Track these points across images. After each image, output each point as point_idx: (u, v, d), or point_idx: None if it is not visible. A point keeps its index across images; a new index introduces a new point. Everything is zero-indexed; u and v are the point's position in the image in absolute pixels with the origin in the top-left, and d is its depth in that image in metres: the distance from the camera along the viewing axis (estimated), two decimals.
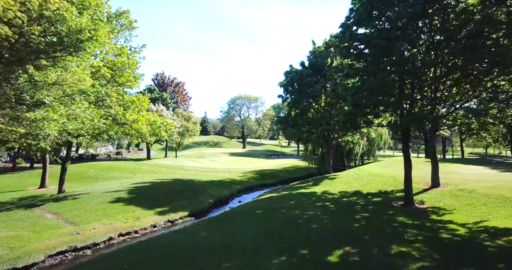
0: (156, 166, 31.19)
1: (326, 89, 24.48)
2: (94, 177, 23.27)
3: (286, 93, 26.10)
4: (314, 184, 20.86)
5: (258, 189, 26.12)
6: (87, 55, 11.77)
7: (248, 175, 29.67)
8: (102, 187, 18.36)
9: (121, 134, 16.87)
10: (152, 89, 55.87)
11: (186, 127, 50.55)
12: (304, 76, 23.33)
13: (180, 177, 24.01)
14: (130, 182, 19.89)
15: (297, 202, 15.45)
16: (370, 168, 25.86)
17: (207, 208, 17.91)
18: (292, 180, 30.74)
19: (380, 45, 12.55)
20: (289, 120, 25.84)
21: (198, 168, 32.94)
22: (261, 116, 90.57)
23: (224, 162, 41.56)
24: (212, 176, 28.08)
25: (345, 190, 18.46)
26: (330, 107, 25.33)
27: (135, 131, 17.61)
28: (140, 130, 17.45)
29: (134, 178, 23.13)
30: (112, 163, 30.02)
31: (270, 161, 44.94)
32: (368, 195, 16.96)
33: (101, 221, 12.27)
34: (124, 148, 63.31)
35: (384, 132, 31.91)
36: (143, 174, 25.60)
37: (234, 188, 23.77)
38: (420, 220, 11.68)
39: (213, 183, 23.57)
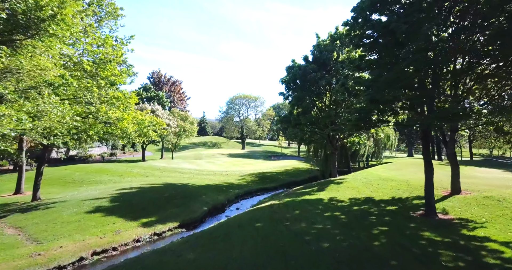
0: (149, 168, 29.26)
1: (332, 85, 22.63)
2: (79, 181, 21.35)
3: (287, 90, 24.23)
4: (319, 190, 18.97)
5: (257, 194, 24.23)
6: (54, 40, 9.91)
7: (247, 178, 27.78)
8: (84, 193, 16.45)
9: (103, 134, 14.95)
10: (148, 87, 53.93)
11: (183, 127, 48.66)
12: (307, 71, 21.48)
13: (172, 181, 22.09)
14: (116, 187, 17.98)
15: (302, 211, 13.56)
16: (378, 171, 24.01)
17: (201, 217, 16.01)
18: (294, 184, 28.88)
19: (401, 30, 10.71)
20: (291, 119, 23.97)
21: (194, 170, 31.03)
22: (261, 116, 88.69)
23: (222, 164, 39.66)
24: (208, 179, 26.17)
25: (354, 197, 16.59)
26: (335, 105, 23.48)
27: (120, 130, 15.72)
28: (126, 130, 15.56)
29: (122, 183, 21.22)
30: (102, 165, 28.10)
31: (270, 163, 43.04)
32: (381, 203, 15.09)
33: (72, 237, 10.36)
34: (119, 149, 61.39)
35: (391, 133, 30.06)
36: (133, 178, 23.69)
37: (232, 193, 21.87)
38: (450, 236, 9.81)
39: (208, 188, 21.67)
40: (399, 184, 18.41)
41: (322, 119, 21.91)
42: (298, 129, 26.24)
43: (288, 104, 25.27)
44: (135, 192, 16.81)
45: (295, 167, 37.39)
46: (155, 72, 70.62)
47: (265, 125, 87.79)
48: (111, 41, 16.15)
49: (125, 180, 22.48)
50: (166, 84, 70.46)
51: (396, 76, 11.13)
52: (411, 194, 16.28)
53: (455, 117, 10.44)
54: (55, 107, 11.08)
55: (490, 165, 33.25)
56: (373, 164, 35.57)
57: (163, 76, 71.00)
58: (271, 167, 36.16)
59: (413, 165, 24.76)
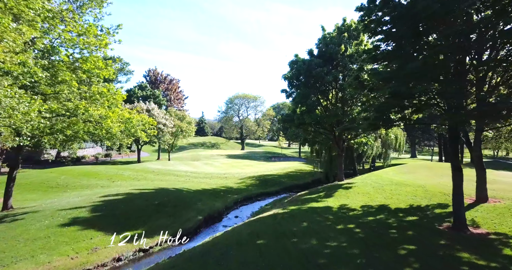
0: (142, 171, 27.44)
1: (339, 81, 20.89)
2: (63, 186, 19.53)
3: (290, 87, 22.45)
4: (327, 196, 17.21)
5: (258, 199, 22.45)
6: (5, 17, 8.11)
7: (246, 182, 25.99)
8: (64, 201, 14.64)
9: (84, 133, 13.15)
10: (143, 86, 52.05)
11: (180, 127, 46.85)
12: (313, 66, 19.70)
13: (165, 186, 20.30)
14: (101, 194, 16.17)
15: (310, 223, 11.78)
16: (388, 174, 22.27)
17: (195, 227, 14.22)
18: (297, 187, 27.12)
19: (432, 10, 8.94)
20: (294, 118, 22.18)
21: (191, 173, 29.22)
22: (261, 116, 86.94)
23: (220, 165, 37.86)
24: (205, 183, 24.37)
25: (367, 204, 14.83)
26: (342, 103, 21.72)
27: (104, 130, 13.92)
28: (110, 129, 13.76)
29: (110, 187, 19.42)
30: (91, 168, 26.26)
31: (271, 165, 41.27)
32: (399, 212, 13.33)
33: (35, 259, 8.56)
34: (115, 149, 59.48)
35: (400, 133, 28.31)
36: (123, 182, 21.87)
37: (230, 199, 20.08)
38: (496, 259, 8.05)
39: (205, 193, 19.87)
40: (415, 189, 16.65)
41: (328, 118, 20.13)
42: (301, 129, 24.48)
43: (291, 103, 23.50)
44: (121, 199, 15.00)
45: (297, 169, 35.60)
46: (152, 70, 68.38)
47: (265, 125, 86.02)
48: (94, 30, 14.28)
49: (114, 185, 20.66)
50: (162, 83, 68.27)
51: (423, 66, 9.38)
52: (430, 202, 14.52)
53: (497, 115, 8.68)
54: (20, 103, 9.33)
55: (500, 167, 31.58)
56: (379, 165, 33.84)
57: (159, 74, 68.84)
58: (272, 169, 34.39)
59: (425, 168, 23.01)
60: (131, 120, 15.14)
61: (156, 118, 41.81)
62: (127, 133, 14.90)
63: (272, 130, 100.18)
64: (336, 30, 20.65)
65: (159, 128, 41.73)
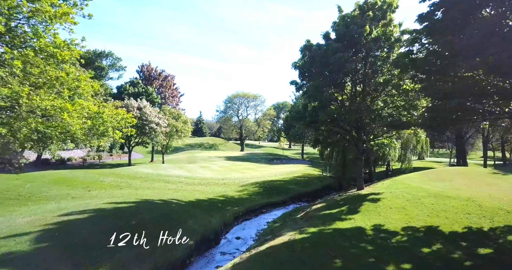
0: (127, 176, 23.82)
1: (360, 70, 17.42)
2: (25, 197, 15.90)
3: (302, 78, 18.96)
4: (351, 211, 13.69)
5: (263, 211, 18.92)
6: None
7: (248, 189, 22.44)
8: (6, 222, 11.00)
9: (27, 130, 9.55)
10: (135, 82, 48.39)
11: (175, 127, 43.31)
12: (330, 51, 16.20)
13: (151, 197, 16.72)
14: (64, 210, 12.57)
15: (345, 259, 8.27)
16: (415, 182, 18.82)
17: (183, 258, 10.65)
18: (306, 195, 23.62)
19: None
20: (306, 115, 18.72)
21: (184, 178, 25.65)
22: (261, 116, 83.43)
23: (218, 169, 34.29)
24: (199, 191, 20.80)
25: (408, 224, 11.34)
26: (362, 97, 18.22)
27: (60, 128, 10.36)
28: (68, 127, 10.20)
29: (82, 199, 15.80)
30: (68, 173, 22.61)
31: (274, 168, 37.74)
32: (457, 238, 9.85)
33: None
34: (106, 150, 55.76)
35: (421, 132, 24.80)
36: (101, 191, 18.26)
37: (230, 212, 16.53)
38: None
39: (199, 205, 16.31)
40: (464, 204, 13.17)
41: (349, 115, 16.62)
42: (312, 128, 21.00)
43: (301, 97, 19.99)
44: (86, 218, 11.40)
45: (304, 173, 32.08)
46: (145, 65, 64.15)
47: (265, 126, 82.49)
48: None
49: (88, 195, 17.03)
50: (157, 79, 64.21)
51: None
52: (494, 223, 11.05)
53: None
54: None
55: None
56: (396, 169, 30.36)
57: (153, 70, 64.79)
58: (275, 174, 30.85)
59: (459, 175, 19.54)
60: (100, 115, 11.56)
61: (149, 117, 38.28)
62: (95, 132, 11.32)
63: (272, 130, 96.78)
64: (357, 8, 17.18)
65: (152, 128, 38.21)
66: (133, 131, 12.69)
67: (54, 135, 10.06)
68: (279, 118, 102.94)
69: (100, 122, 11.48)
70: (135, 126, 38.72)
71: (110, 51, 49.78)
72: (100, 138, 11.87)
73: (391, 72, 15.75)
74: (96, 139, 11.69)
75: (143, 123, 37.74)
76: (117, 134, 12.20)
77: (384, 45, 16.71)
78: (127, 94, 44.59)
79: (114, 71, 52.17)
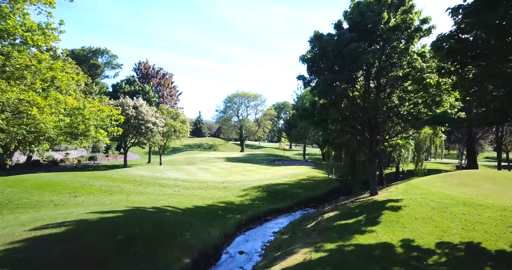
0: (120, 180, 22.06)
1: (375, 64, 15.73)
2: (2, 204, 14.13)
3: (310, 73, 17.26)
4: (370, 221, 11.99)
5: (268, 218, 17.21)
6: None
7: (251, 194, 20.72)
8: None
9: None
10: (132, 80, 46.54)
11: (173, 127, 41.57)
12: (344, 42, 14.51)
13: (143, 204, 14.99)
14: (39, 222, 10.82)
15: None
16: (435, 186, 17.11)
17: None
18: (313, 200, 21.91)
19: None
20: (315, 113, 17.01)
21: (182, 181, 23.92)
22: (261, 116, 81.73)
23: (218, 171, 32.55)
24: (198, 196, 19.07)
25: (441, 240, 9.65)
26: (377, 93, 16.54)
27: (30, 126, 8.63)
28: (38, 125, 8.47)
29: (65, 207, 14.04)
30: (54, 176, 20.83)
31: (276, 170, 36.02)
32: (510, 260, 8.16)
33: None
34: (102, 151, 53.94)
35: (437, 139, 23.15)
36: (89, 197, 16.51)
37: (232, 221, 14.82)
38: None
39: (197, 214, 14.59)
40: (502, 215, 11.47)
41: (364, 113, 14.92)
42: (320, 127, 19.31)
43: (309, 94, 18.28)
44: (63, 233, 9.66)
45: (308, 175, 30.36)
46: (142, 63, 61.91)
47: (266, 126, 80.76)
48: None
49: (73, 202, 15.27)
50: (154, 77, 62.09)
51: None
52: None
53: None
54: None
55: None
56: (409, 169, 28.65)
57: (151, 68, 62.68)
58: (279, 176, 29.13)
59: (486, 179, 17.80)
60: (80, 112, 9.82)
61: (145, 116, 36.54)
62: (72, 130, 9.59)
63: (273, 130, 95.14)
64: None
65: (148, 128, 36.47)
66: (120, 130, 10.94)
67: (21, 134, 8.30)
68: (279, 118, 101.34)
69: (79, 119, 9.74)
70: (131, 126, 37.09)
71: (105, 48, 47.98)
72: (81, 139, 10.12)
73: (412, 64, 14.04)
74: (75, 140, 9.94)
75: (139, 122, 35.99)
76: (101, 133, 10.45)
77: (403, 35, 15.04)
78: (123, 93, 42.78)
79: (110, 69, 50.30)
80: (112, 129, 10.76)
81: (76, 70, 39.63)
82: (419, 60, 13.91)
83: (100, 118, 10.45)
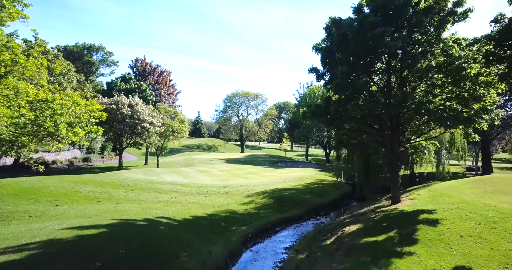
0: (111, 185, 19.96)
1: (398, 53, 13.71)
2: None
3: (324, 64, 15.23)
4: (404, 238, 9.94)
5: (277, 230, 15.16)
6: None
7: (256, 201, 18.66)
8: None
9: None
10: (128, 77, 44.38)
11: (171, 127, 39.49)
12: (368, 27, 12.48)
13: (134, 215, 12.89)
14: (3, 242, 8.71)
15: None
16: (467, 194, 15.08)
17: None
18: (324, 207, 19.90)
19: None
20: (330, 111, 14.96)
21: (179, 186, 21.84)
22: (262, 116, 79.71)
23: (219, 173, 30.47)
24: (198, 204, 17.00)
25: (507, 269, 7.61)
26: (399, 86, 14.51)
27: None
28: None
29: (41, 219, 11.93)
30: (37, 181, 18.70)
31: (280, 172, 33.96)
32: None
33: None
34: (97, 152, 51.70)
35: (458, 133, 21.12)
36: (72, 206, 14.39)
37: (236, 236, 12.74)
38: None
39: (196, 227, 12.50)
40: None
41: (389, 109, 12.88)
42: (334, 126, 17.29)
43: (324, 86, 16.24)
44: (23, 260, 7.57)
45: (316, 179, 28.32)
46: (139, 60, 59.34)
47: (267, 126, 78.71)
48: None
49: (53, 213, 13.14)
50: (152, 75, 59.69)
51: None
52: None
53: None
54: None
55: None
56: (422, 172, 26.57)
57: (148, 65, 60.28)
58: (284, 179, 27.07)
59: None
60: (48, 105, 7.73)
61: (141, 115, 34.46)
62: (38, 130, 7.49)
63: (273, 131, 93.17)
64: None
65: (144, 128, 34.38)
66: (100, 130, 8.83)
67: None
68: (280, 118, 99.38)
69: (47, 114, 7.64)
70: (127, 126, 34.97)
71: (100, 45, 45.83)
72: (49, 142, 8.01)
73: (448, 52, 12.01)
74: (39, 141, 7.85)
75: (135, 122, 33.89)
76: (77, 133, 8.34)
77: (433, 20, 13.03)
78: (117, 91, 40.62)
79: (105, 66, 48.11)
80: (91, 128, 8.65)
81: (68, 66, 37.56)
82: (455, 47, 11.88)
83: (76, 113, 8.35)
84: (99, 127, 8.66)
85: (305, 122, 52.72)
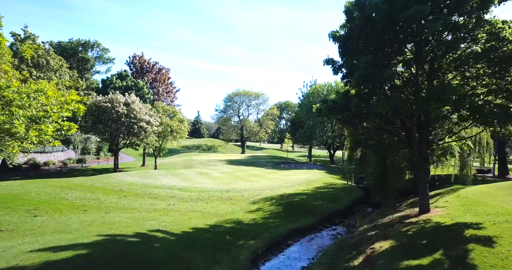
0: (102, 190, 17.99)
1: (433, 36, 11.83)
2: None
3: (343, 55, 13.34)
4: (456, 264, 8.04)
5: (289, 243, 13.23)
6: None
7: (263, 208, 16.73)
8: None
9: None
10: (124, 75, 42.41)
11: (169, 127, 37.54)
12: (399, 7, 10.57)
13: (123, 229, 10.95)
14: None
15: None
16: (507, 202, 13.23)
17: None
18: (338, 215, 18.05)
19: None
20: (350, 106, 13.03)
21: (178, 191, 19.90)
22: (263, 115, 77.83)
23: (220, 176, 28.53)
24: (198, 212, 15.06)
25: None
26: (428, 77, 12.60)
27: None
28: None
29: (10, 236, 9.98)
30: (18, 186, 16.72)
31: (284, 174, 32.02)
32: None
33: None
34: (92, 153, 49.64)
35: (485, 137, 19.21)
36: (53, 217, 12.43)
37: (244, 252, 10.82)
38: None
39: (196, 241, 10.54)
40: None
41: (422, 104, 10.99)
42: (352, 124, 15.42)
43: (342, 79, 14.34)
44: None
45: (324, 182, 26.41)
46: (137, 56, 56.98)
47: (268, 126, 76.81)
48: None
49: (28, 226, 11.20)
50: (150, 72, 57.47)
51: None
52: None
53: None
54: None
55: None
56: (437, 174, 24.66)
57: (146, 62, 58.08)
58: (291, 183, 25.14)
59: None
60: (10, 96, 5.77)
61: (138, 114, 32.50)
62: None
63: (275, 131, 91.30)
64: None
65: (141, 127, 32.42)
66: (73, 126, 6.89)
67: None
68: (281, 118, 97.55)
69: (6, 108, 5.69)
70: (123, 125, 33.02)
71: (96, 41, 43.81)
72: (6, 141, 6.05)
73: (498, 35, 10.12)
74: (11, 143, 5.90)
75: (131, 121, 31.93)
76: (43, 131, 6.39)
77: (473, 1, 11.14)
78: (113, 88, 38.69)
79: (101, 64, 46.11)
80: (62, 124, 6.70)
81: (60, 62, 35.62)
82: (507, 29, 10.00)
83: (42, 105, 6.41)
84: (71, 123, 6.74)
85: (308, 122, 50.89)
